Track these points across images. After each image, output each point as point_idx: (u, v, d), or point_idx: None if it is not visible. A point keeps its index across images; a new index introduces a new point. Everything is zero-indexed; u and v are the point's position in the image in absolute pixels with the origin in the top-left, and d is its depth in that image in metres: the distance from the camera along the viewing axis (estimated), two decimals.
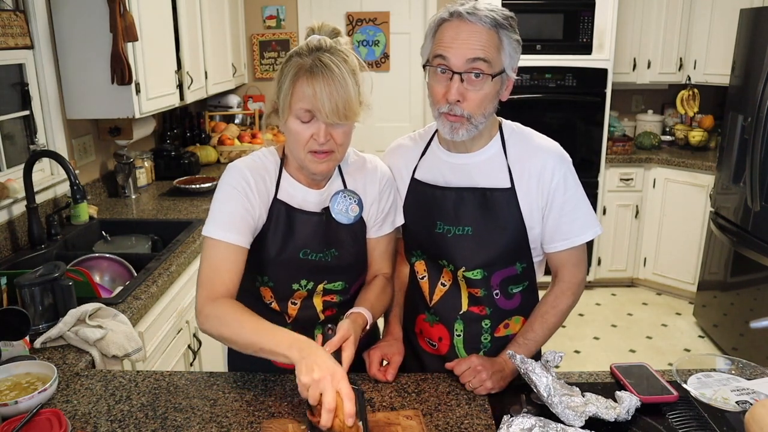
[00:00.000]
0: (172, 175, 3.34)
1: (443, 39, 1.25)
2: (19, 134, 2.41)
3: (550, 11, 3.83)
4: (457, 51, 1.23)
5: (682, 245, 4.02)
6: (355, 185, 1.38)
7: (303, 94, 1.18)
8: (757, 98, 3.03)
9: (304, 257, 1.33)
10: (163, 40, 2.86)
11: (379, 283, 1.43)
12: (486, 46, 1.23)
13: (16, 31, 2.27)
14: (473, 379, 1.28)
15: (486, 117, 1.30)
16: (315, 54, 1.20)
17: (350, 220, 1.35)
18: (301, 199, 1.34)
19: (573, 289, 1.41)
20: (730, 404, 1.20)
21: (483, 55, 1.22)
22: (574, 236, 1.37)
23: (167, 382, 1.34)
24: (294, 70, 1.20)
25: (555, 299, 1.41)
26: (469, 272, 1.38)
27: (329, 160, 1.26)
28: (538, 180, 1.34)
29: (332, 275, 1.37)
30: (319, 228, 1.34)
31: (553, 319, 1.40)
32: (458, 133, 1.29)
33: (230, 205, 1.27)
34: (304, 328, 1.39)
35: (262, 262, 1.33)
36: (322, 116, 1.19)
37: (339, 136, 1.23)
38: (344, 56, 1.22)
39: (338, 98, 1.17)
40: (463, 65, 1.23)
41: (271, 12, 4.48)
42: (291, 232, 1.32)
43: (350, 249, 1.37)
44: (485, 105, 1.27)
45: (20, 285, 1.58)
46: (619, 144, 4.11)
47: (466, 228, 1.36)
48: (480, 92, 1.25)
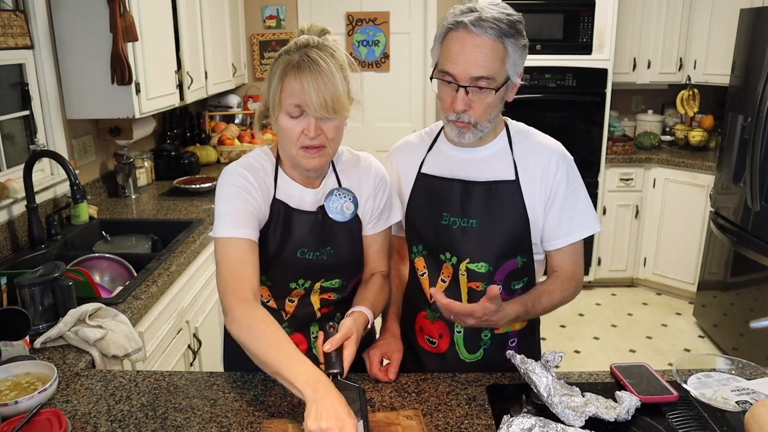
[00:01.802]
0: (172, 175, 3.34)
1: (450, 53, 1.27)
2: (19, 134, 2.41)
3: (550, 11, 3.83)
4: (461, 68, 1.26)
5: (682, 245, 4.02)
6: (349, 183, 1.39)
7: (291, 90, 1.20)
8: (757, 98, 3.03)
9: (302, 257, 1.34)
10: (163, 40, 2.86)
11: (377, 281, 1.43)
12: (490, 62, 1.25)
13: (16, 31, 2.27)
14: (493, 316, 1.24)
15: (491, 121, 1.34)
16: (302, 50, 1.22)
17: (346, 217, 1.36)
18: (298, 198, 1.35)
19: (575, 282, 1.43)
20: (730, 404, 1.20)
21: (486, 73, 1.26)
22: (573, 232, 1.39)
23: (167, 382, 1.34)
24: (282, 67, 1.22)
25: (561, 284, 1.40)
26: (473, 264, 1.39)
27: (321, 156, 1.27)
28: (542, 175, 1.37)
29: (329, 273, 1.38)
30: (315, 227, 1.35)
31: (558, 296, 1.39)
32: (465, 137, 1.34)
33: (234, 204, 1.27)
34: (301, 325, 1.41)
35: (260, 262, 1.33)
36: (310, 110, 1.20)
37: (330, 131, 1.24)
38: (331, 51, 1.24)
39: (326, 92, 1.19)
40: (468, 81, 1.26)
41: (271, 12, 4.48)
42: (289, 232, 1.33)
43: (346, 247, 1.38)
44: (490, 112, 1.32)
45: (20, 285, 1.58)
46: (619, 144, 4.11)
47: (471, 220, 1.38)
48: (485, 101, 1.29)
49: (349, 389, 1.13)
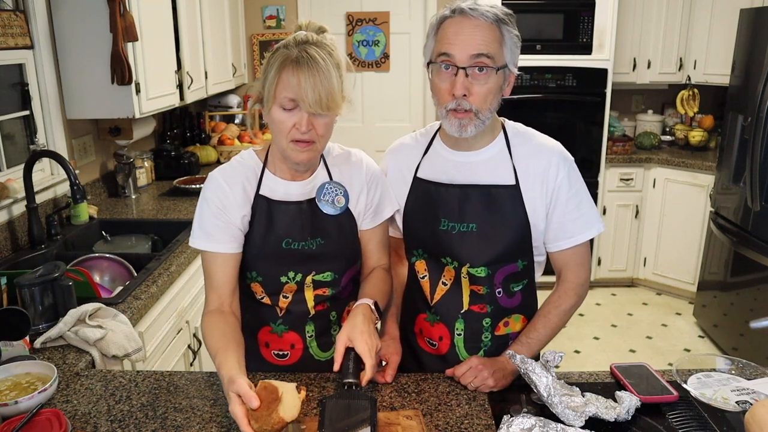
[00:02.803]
0: (172, 175, 3.34)
1: (446, 36, 1.28)
2: (19, 134, 2.41)
3: (550, 11, 3.83)
4: (460, 47, 1.25)
5: (682, 245, 4.02)
6: (341, 177, 1.39)
7: (288, 83, 1.21)
8: (757, 98, 3.03)
9: (287, 247, 1.35)
10: (163, 40, 2.86)
11: (378, 274, 1.45)
12: (489, 41, 1.25)
13: (16, 31, 2.27)
14: (475, 378, 1.29)
15: (491, 111, 1.32)
16: (301, 46, 1.23)
17: (337, 210, 1.37)
18: (283, 192, 1.36)
19: (576, 289, 1.42)
20: (730, 404, 1.20)
21: (486, 50, 1.25)
22: (577, 234, 1.38)
23: (167, 382, 1.34)
24: (280, 60, 1.23)
25: (558, 299, 1.42)
26: (474, 269, 1.38)
27: (310, 150, 1.28)
28: (543, 178, 1.36)
29: (319, 265, 1.38)
30: (299, 217, 1.35)
31: (556, 319, 1.40)
32: (466, 130, 1.30)
33: (207, 217, 1.33)
34: (296, 324, 1.40)
35: (248, 258, 1.36)
36: (305, 105, 1.21)
37: (320, 127, 1.25)
38: (330, 50, 1.26)
39: (321, 89, 1.20)
40: (467, 60, 1.25)
41: (271, 12, 4.48)
42: (270, 223, 1.34)
43: (336, 239, 1.38)
44: (490, 99, 1.30)
45: (20, 285, 1.58)
46: (619, 144, 4.11)
47: (471, 225, 1.37)
48: (485, 86, 1.27)
49: (361, 398, 1.14)
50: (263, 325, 1.41)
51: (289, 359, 1.42)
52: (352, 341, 1.20)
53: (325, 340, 1.43)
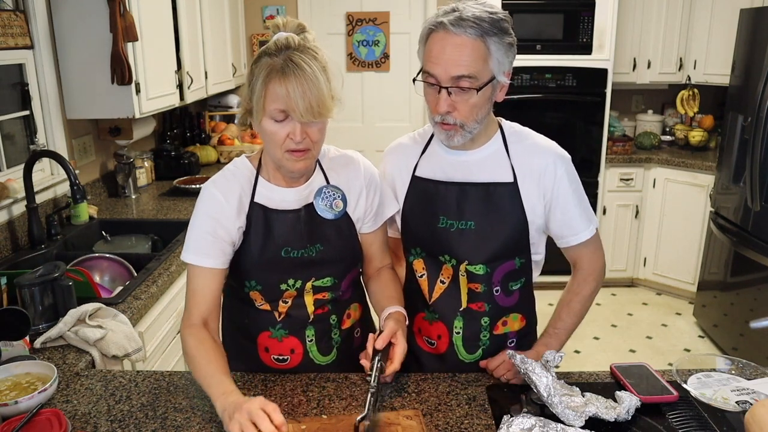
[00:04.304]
0: (172, 175, 3.34)
1: (431, 53, 1.27)
2: (19, 134, 2.41)
3: (550, 11, 3.83)
4: (442, 67, 1.24)
5: (682, 245, 4.02)
6: (338, 181, 1.38)
7: (276, 95, 1.18)
8: (757, 98, 3.03)
9: (286, 255, 1.33)
10: (163, 40, 2.86)
11: (389, 275, 1.47)
12: (471, 61, 1.23)
13: (16, 31, 2.27)
14: (508, 371, 1.34)
15: (479, 122, 1.32)
16: (285, 53, 1.19)
17: (335, 215, 1.36)
18: (279, 200, 1.34)
19: (594, 275, 1.46)
20: (730, 404, 1.20)
21: (467, 71, 1.24)
22: (583, 230, 1.42)
23: (167, 382, 1.34)
24: (266, 71, 1.19)
25: (577, 287, 1.46)
26: (472, 266, 1.39)
27: (306, 158, 1.27)
28: (541, 177, 1.37)
29: (319, 270, 1.36)
30: (297, 224, 1.34)
31: (578, 306, 1.45)
32: (453, 140, 1.33)
33: (200, 232, 1.30)
34: (295, 329, 1.39)
35: (246, 267, 1.34)
36: (296, 116, 1.19)
37: (314, 134, 1.24)
38: (314, 53, 1.22)
39: (311, 97, 1.17)
40: (449, 81, 1.25)
41: (271, 12, 4.48)
42: (269, 232, 1.33)
43: (336, 244, 1.37)
44: (476, 112, 1.29)
45: (20, 285, 1.58)
46: (619, 144, 4.11)
47: (469, 222, 1.38)
48: (468, 102, 1.27)
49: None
50: (262, 330, 1.40)
51: (289, 363, 1.41)
52: (396, 339, 1.24)
53: (325, 344, 1.42)
